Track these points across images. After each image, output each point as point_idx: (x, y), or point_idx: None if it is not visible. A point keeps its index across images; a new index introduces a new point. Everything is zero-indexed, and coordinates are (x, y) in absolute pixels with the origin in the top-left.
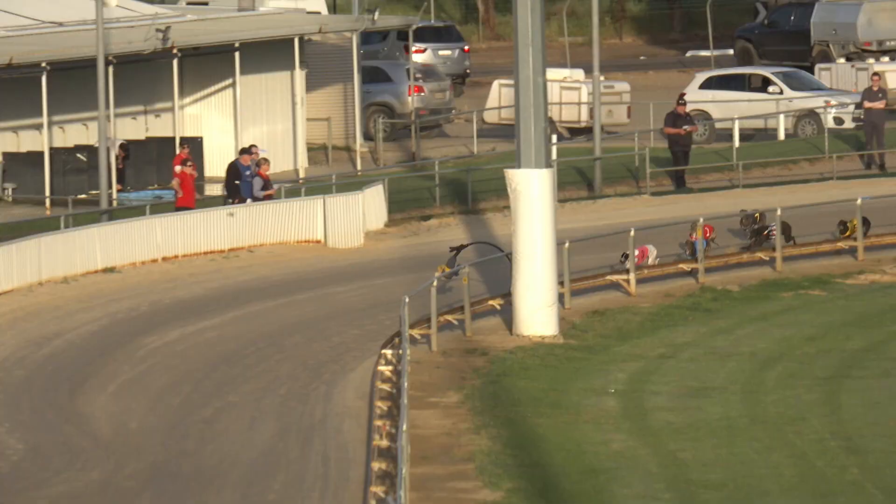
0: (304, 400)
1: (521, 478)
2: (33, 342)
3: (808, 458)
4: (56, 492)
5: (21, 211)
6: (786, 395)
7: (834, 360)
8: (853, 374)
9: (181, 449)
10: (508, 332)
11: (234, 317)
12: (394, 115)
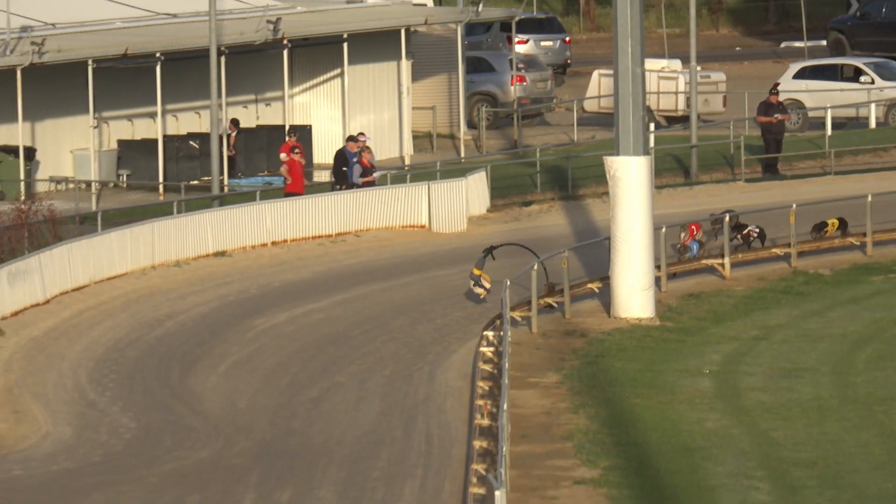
0: (408, 380)
1: (617, 456)
2: (146, 324)
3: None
4: (167, 469)
5: (135, 197)
6: (875, 376)
7: None
8: None
9: (288, 428)
10: (606, 315)
11: (340, 299)
12: (497, 104)
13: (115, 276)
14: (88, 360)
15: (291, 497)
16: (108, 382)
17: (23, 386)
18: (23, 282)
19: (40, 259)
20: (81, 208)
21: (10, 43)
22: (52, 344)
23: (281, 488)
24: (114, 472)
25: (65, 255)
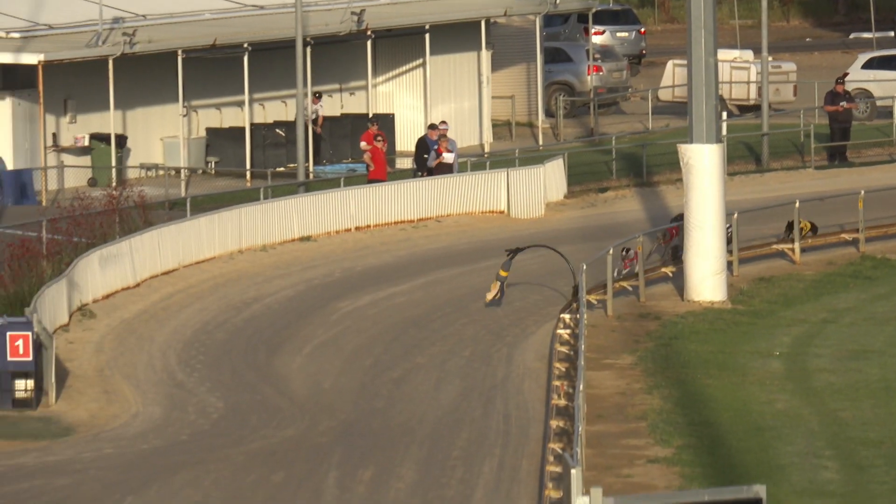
0: (487, 361)
1: (690, 435)
2: (234, 306)
3: None
4: (253, 448)
5: (223, 183)
6: None
7: None
8: None
9: (371, 407)
10: (679, 298)
11: (422, 283)
12: (574, 93)
13: (204, 260)
14: (177, 342)
15: (373, 475)
16: (197, 363)
17: (114, 367)
18: (114, 266)
19: (131, 244)
20: (171, 194)
21: (102, 34)
22: (142, 326)
23: (363, 466)
24: (201, 450)
25: (155, 239)
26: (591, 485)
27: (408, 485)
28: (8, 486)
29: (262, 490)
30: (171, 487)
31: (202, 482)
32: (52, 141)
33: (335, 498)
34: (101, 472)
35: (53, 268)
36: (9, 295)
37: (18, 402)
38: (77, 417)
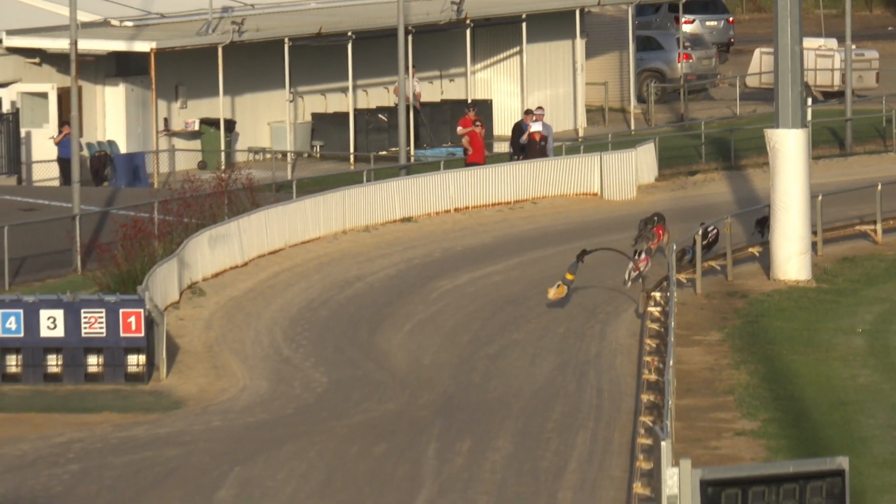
0: (581, 338)
1: (776, 409)
2: (337, 285)
3: None
4: (355, 421)
5: (328, 166)
6: None
7: None
8: None
9: (469, 382)
10: (766, 277)
11: (518, 262)
12: (664, 80)
13: (309, 241)
14: (283, 319)
15: (471, 447)
16: (302, 340)
17: (222, 343)
18: (223, 245)
19: (239, 224)
20: (277, 177)
21: (212, 23)
22: (250, 303)
23: (461, 439)
24: (306, 423)
25: (262, 220)
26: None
27: (504, 456)
28: (120, 457)
29: (364, 461)
30: (277, 458)
31: (307, 453)
32: (164, 125)
33: (434, 469)
34: (210, 443)
35: (164, 247)
36: (122, 273)
37: (131, 376)
38: (187, 391)
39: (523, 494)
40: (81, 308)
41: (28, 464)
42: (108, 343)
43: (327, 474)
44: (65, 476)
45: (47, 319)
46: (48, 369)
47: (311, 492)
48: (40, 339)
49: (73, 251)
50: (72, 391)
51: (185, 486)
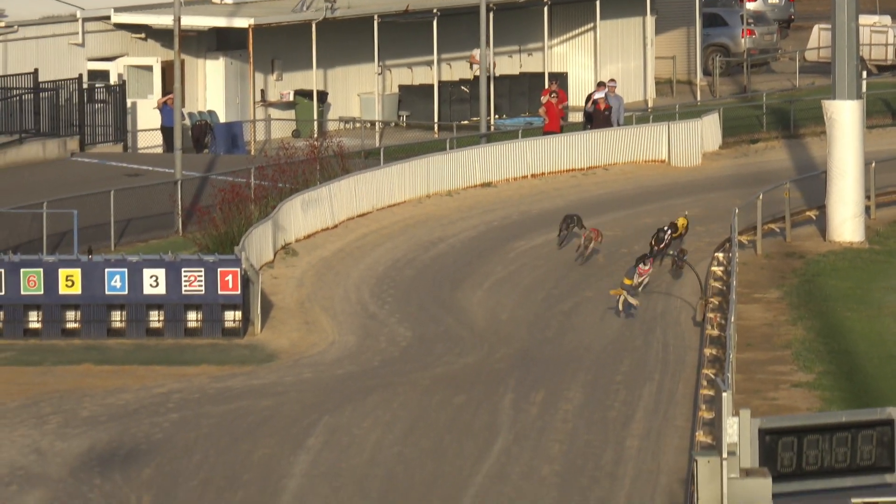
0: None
1: (830, 362)
2: (421, 245)
3: None
4: (437, 373)
5: (413, 134)
6: None
7: None
8: None
9: (543, 337)
10: (822, 239)
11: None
12: (729, 54)
13: (395, 204)
14: (370, 278)
15: (545, 397)
16: (387, 297)
17: (313, 300)
18: (315, 209)
19: (330, 189)
20: (366, 144)
21: (306, 1)
22: (339, 263)
23: (536, 390)
24: (391, 375)
25: (351, 185)
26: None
27: (575, 406)
28: (217, 406)
29: (445, 411)
30: (364, 408)
31: (391, 403)
32: (261, 96)
33: (510, 418)
34: (301, 394)
35: (260, 211)
36: (220, 235)
37: (227, 331)
38: (279, 345)
39: (593, 442)
40: (182, 267)
41: (131, 412)
42: (206, 300)
43: (410, 423)
44: (165, 424)
45: (150, 278)
46: (150, 324)
47: (394, 440)
48: (143, 297)
49: (175, 214)
50: (172, 345)
51: (277, 435)
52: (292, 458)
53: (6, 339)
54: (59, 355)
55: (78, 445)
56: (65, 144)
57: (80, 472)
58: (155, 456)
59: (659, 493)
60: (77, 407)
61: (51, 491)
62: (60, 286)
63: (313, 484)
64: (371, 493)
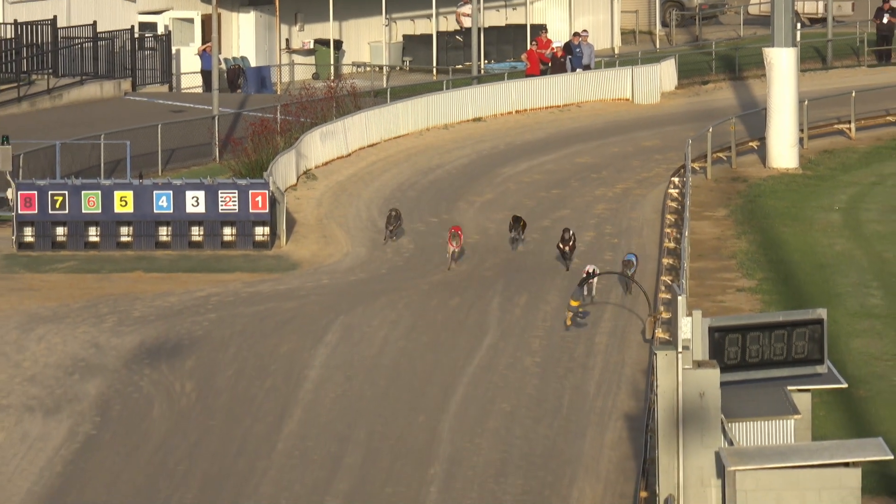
0: (615, 214)
1: (769, 270)
2: (421, 171)
3: None
4: (435, 279)
5: (415, 77)
6: None
7: None
8: None
9: (526, 249)
10: (762, 166)
11: (565, 153)
12: (683, 8)
13: (400, 136)
14: (378, 198)
15: (527, 300)
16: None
17: (330, 217)
18: (331, 140)
19: (344, 123)
20: (375, 85)
21: None
22: (352, 186)
23: (519, 294)
24: (396, 281)
25: (363, 120)
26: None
27: (553, 308)
28: (249, 307)
29: (442, 311)
30: (373, 309)
31: (396, 305)
32: (285, 44)
33: (497, 318)
34: (320, 297)
35: (285, 141)
36: (251, 162)
37: (257, 244)
38: (301, 256)
39: (567, 338)
40: (219, 189)
41: (175, 313)
42: (239, 217)
43: (412, 321)
44: (204, 322)
45: (192, 198)
46: (192, 238)
47: (399, 336)
48: (186, 214)
49: (213, 144)
50: (210, 256)
51: (300, 331)
52: (312, 351)
53: (69, 251)
54: (115, 264)
55: (130, 341)
56: (119, 85)
57: (132, 363)
58: (196, 349)
59: (624, 381)
60: (130, 308)
61: (107, 379)
62: (116, 205)
63: (330, 374)
64: (379, 381)
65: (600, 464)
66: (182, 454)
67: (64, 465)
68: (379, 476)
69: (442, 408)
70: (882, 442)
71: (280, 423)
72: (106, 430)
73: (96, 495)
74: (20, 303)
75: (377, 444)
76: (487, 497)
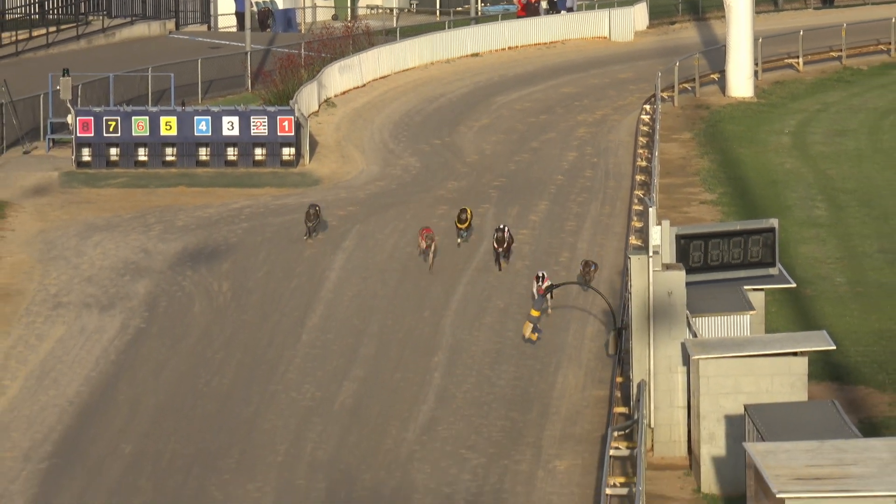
0: (595, 136)
1: (728, 186)
2: (426, 99)
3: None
4: (438, 193)
5: (421, 17)
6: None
7: None
8: None
9: (517, 167)
10: (722, 95)
11: (551, 84)
12: None
13: (408, 69)
14: (389, 123)
15: (520, 210)
16: (402, 137)
17: (347, 140)
18: (348, 73)
19: (360, 58)
20: (386, 25)
21: None
22: (366, 112)
23: (512, 205)
24: (404, 195)
25: (375, 55)
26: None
27: (540, 217)
28: (276, 218)
29: (444, 220)
30: (384, 219)
31: (404, 215)
32: None
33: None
34: (338, 208)
35: (308, 74)
36: (279, 92)
37: (284, 162)
38: (322, 173)
39: (553, 244)
40: (251, 115)
41: (213, 222)
42: (268, 139)
43: (418, 228)
44: (238, 231)
45: (227, 123)
46: (227, 158)
47: (407, 242)
48: (222, 137)
49: (245, 76)
50: (244, 173)
51: (321, 239)
52: (332, 256)
53: (121, 169)
54: (161, 180)
55: (174, 247)
56: (164, 25)
57: (176, 266)
58: (231, 254)
59: (602, 281)
60: (173, 218)
61: (154, 280)
62: (161, 129)
63: (348, 275)
64: (390, 282)
65: (581, 353)
66: (219, 345)
67: (117, 354)
68: (390, 364)
69: (444, 305)
70: (826, 334)
71: (304, 319)
72: (153, 324)
73: (145, 381)
74: (79, 214)
75: (388, 336)
76: (484, 382)
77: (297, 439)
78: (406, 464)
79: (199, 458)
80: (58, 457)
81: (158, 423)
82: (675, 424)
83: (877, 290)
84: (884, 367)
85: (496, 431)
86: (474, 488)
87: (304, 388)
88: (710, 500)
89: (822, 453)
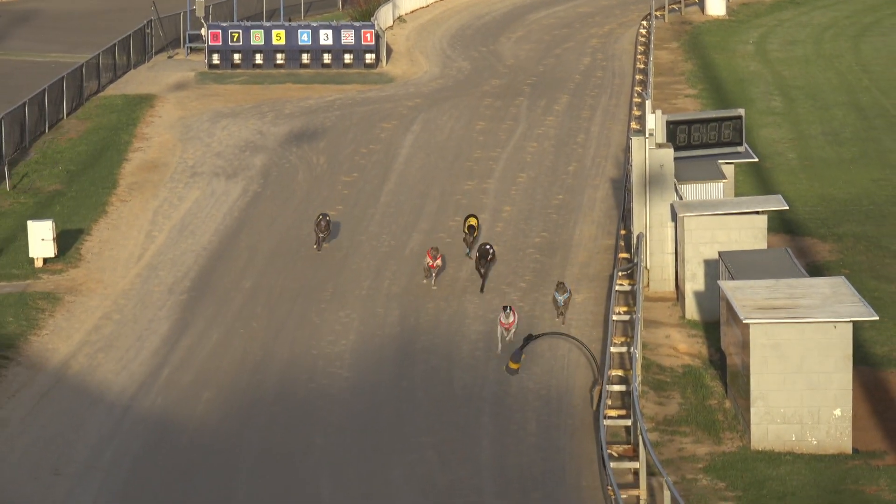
0: (605, 44)
1: (706, 83)
2: (476, 16)
3: (843, 74)
4: (484, 89)
5: None
6: (835, 45)
7: (859, 27)
8: (873, 32)
9: (545, 69)
10: (702, 13)
11: (571, 5)
12: None
13: None
14: (447, 35)
15: (545, 103)
16: (457, 45)
17: (414, 48)
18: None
19: None
20: None
21: None
22: (430, 27)
23: (540, 98)
24: (457, 90)
25: None
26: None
27: (562, 108)
28: (361, 107)
29: (489, 110)
30: (443, 108)
31: (459, 105)
32: None
33: (525, 115)
34: (408, 100)
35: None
36: (363, 11)
37: (367, 65)
38: (396, 73)
39: (573, 128)
40: (342, 29)
41: (311, 111)
42: (355, 47)
43: (469, 117)
44: (331, 117)
45: (323, 35)
46: (323, 61)
47: (461, 126)
48: (320, 45)
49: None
50: (335, 73)
51: (394, 123)
52: (403, 137)
53: (242, 70)
54: (273, 79)
55: (283, 129)
56: None
57: (285, 144)
58: (326, 135)
59: (610, 155)
60: (282, 108)
61: (268, 154)
62: (273, 39)
63: (415, 152)
64: (447, 157)
65: (594, 211)
66: (317, 204)
67: (239, 211)
68: (447, 218)
69: (488, 174)
70: (781, 197)
71: (382, 184)
72: (267, 189)
73: (260, 232)
74: (209, 104)
75: (446, 198)
76: (519, 235)
77: (376, 277)
78: (460, 296)
79: (302, 291)
80: (194, 290)
81: (271, 264)
82: (665, 266)
83: (820, 163)
84: (825, 223)
85: (529, 272)
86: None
87: (382, 238)
88: (692, 324)
89: (778, 289)
